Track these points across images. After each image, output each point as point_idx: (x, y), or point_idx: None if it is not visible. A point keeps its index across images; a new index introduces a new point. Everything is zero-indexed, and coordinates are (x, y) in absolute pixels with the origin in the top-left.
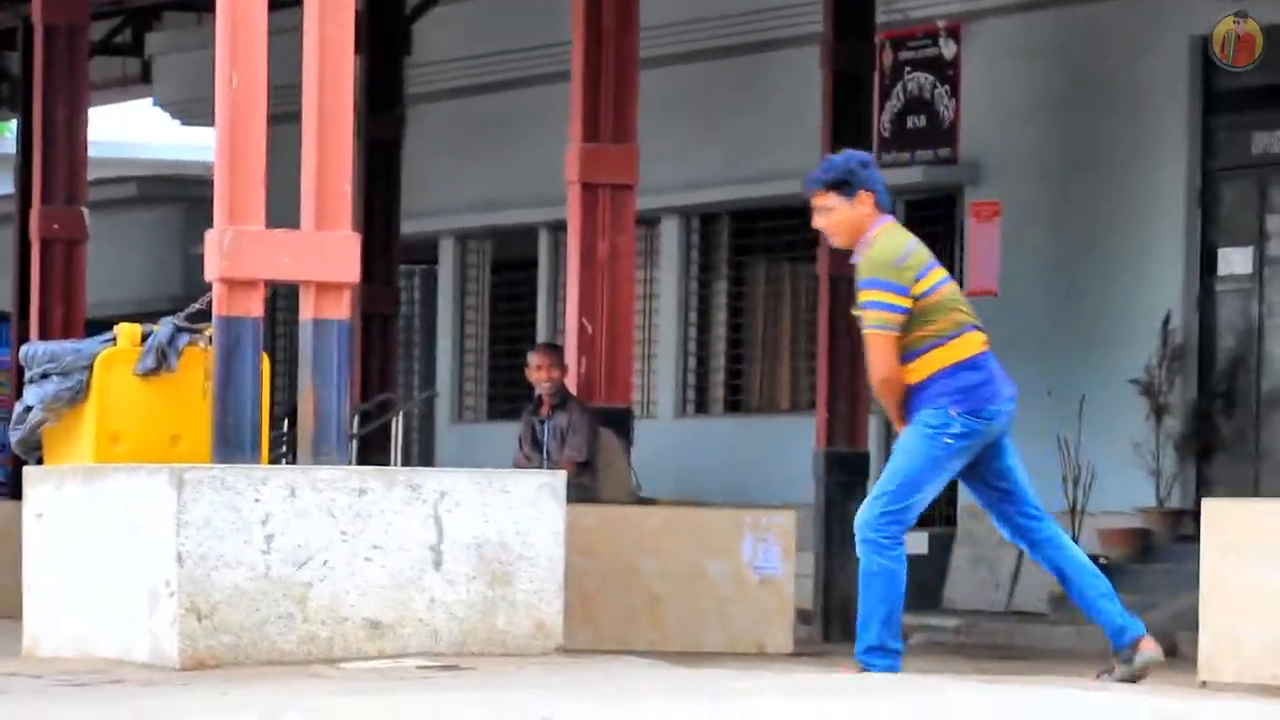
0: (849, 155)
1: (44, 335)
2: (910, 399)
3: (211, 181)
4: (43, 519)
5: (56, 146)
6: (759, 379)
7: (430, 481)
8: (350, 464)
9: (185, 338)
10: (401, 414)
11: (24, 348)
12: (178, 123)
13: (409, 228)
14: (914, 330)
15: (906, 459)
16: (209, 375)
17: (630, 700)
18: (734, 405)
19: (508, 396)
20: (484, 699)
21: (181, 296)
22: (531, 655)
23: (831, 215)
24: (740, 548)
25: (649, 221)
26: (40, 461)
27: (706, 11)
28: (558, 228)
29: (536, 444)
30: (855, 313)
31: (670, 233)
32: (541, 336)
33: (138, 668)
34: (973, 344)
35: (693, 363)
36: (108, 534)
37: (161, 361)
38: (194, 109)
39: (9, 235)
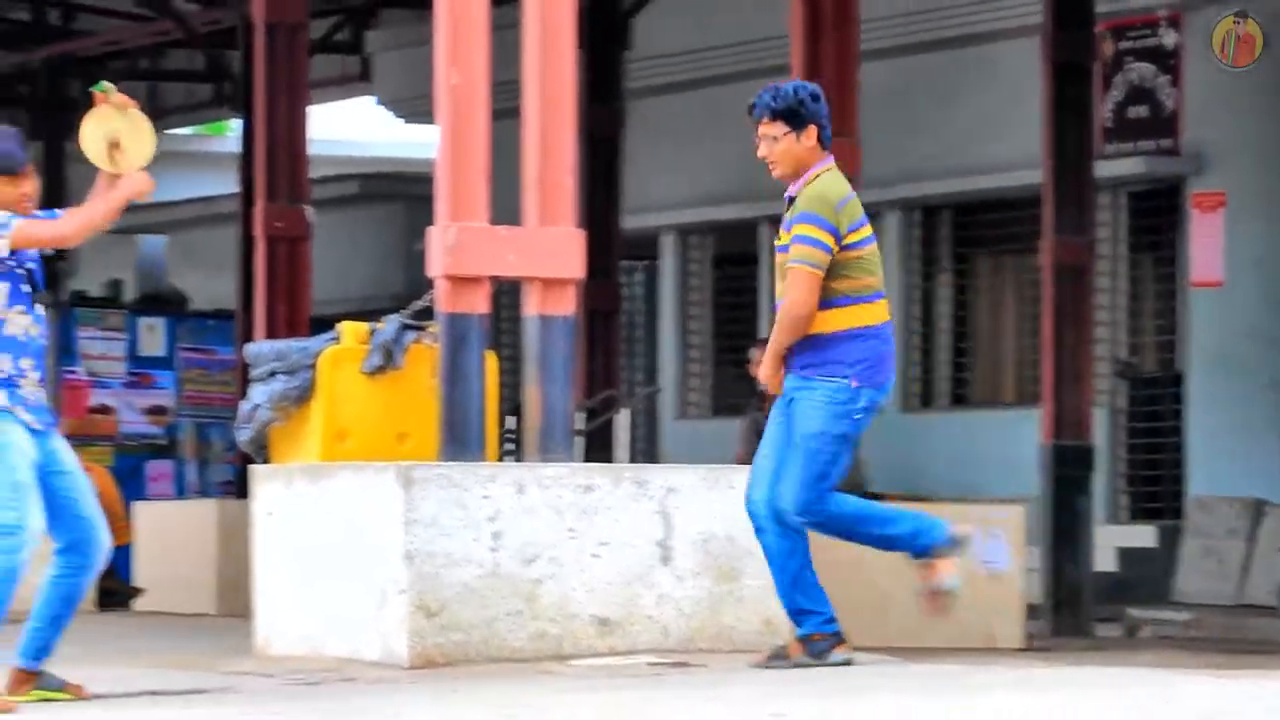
0: (799, 85)
1: (269, 333)
2: (803, 350)
3: (433, 179)
4: (272, 518)
5: (279, 145)
6: (983, 372)
7: (657, 478)
8: (576, 460)
9: (411, 335)
10: (625, 410)
11: (249, 346)
12: (398, 120)
13: (629, 223)
14: (829, 279)
15: (819, 440)
16: (435, 372)
17: (860, 696)
18: (958, 399)
19: (731, 392)
20: (714, 696)
21: (404, 294)
22: (759, 651)
23: (777, 145)
24: (977, 548)
25: (870, 215)
26: (267, 460)
27: (927, 4)
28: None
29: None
30: (781, 242)
31: (892, 226)
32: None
33: (368, 666)
34: (883, 312)
35: (917, 357)
36: (336, 533)
37: (388, 359)
38: (415, 106)
39: (233, 234)
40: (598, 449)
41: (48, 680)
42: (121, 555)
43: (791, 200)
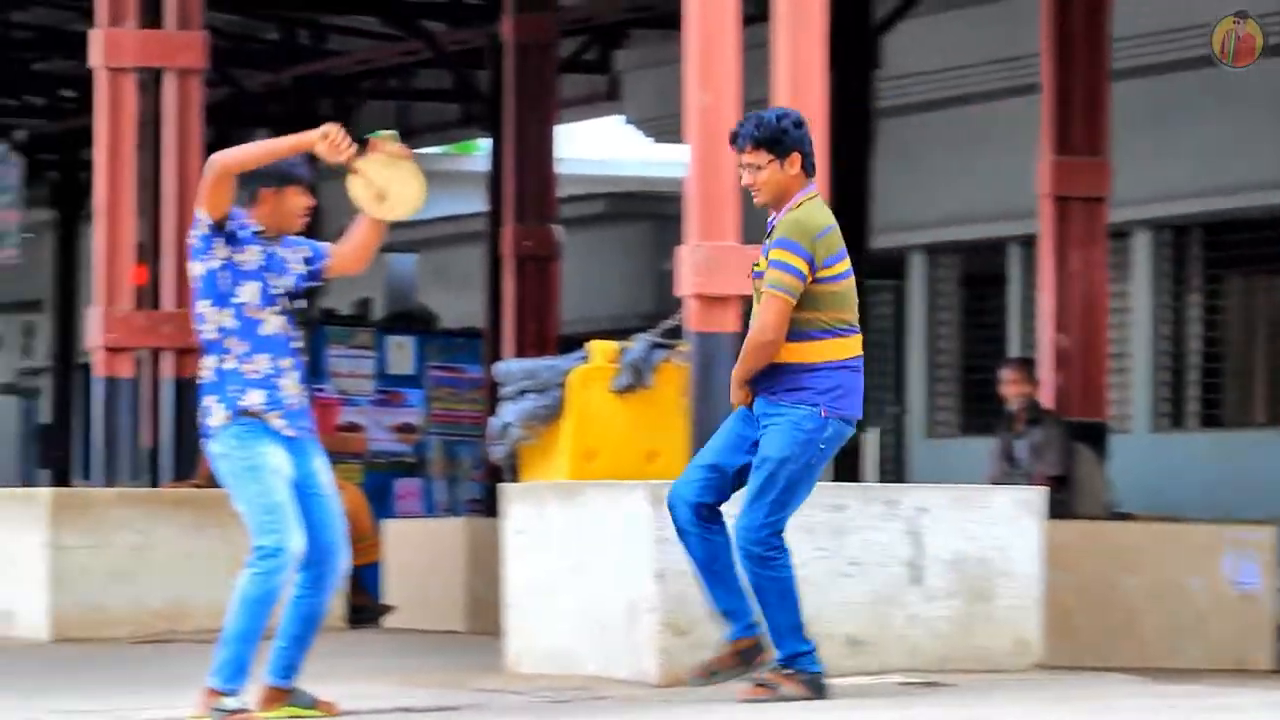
0: (782, 113)
1: (517, 352)
2: (774, 376)
3: (681, 197)
4: (523, 536)
5: (528, 164)
6: (1234, 393)
7: (907, 498)
8: (825, 480)
9: (660, 354)
10: (873, 430)
11: (499, 365)
12: (647, 140)
13: (878, 243)
14: (805, 310)
15: (783, 466)
16: (684, 391)
17: (1111, 716)
18: (1209, 420)
19: (980, 412)
20: (965, 715)
21: (652, 313)
22: (1011, 671)
23: (760, 174)
24: (1220, 563)
25: (1120, 235)
26: (516, 478)
27: (1177, 22)
28: (1028, 241)
29: (1011, 459)
30: (759, 268)
31: (1142, 245)
32: (1013, 352)
33: (618, 684)
34: (857, 346)
35: (1166, 376)
36: (586, 551)
37: (637, 378)
38: (664, 126)
39: (480, 253)
40: (845, 469)
41: (299, 698)
42: (372, 573)
43: (772, 228)
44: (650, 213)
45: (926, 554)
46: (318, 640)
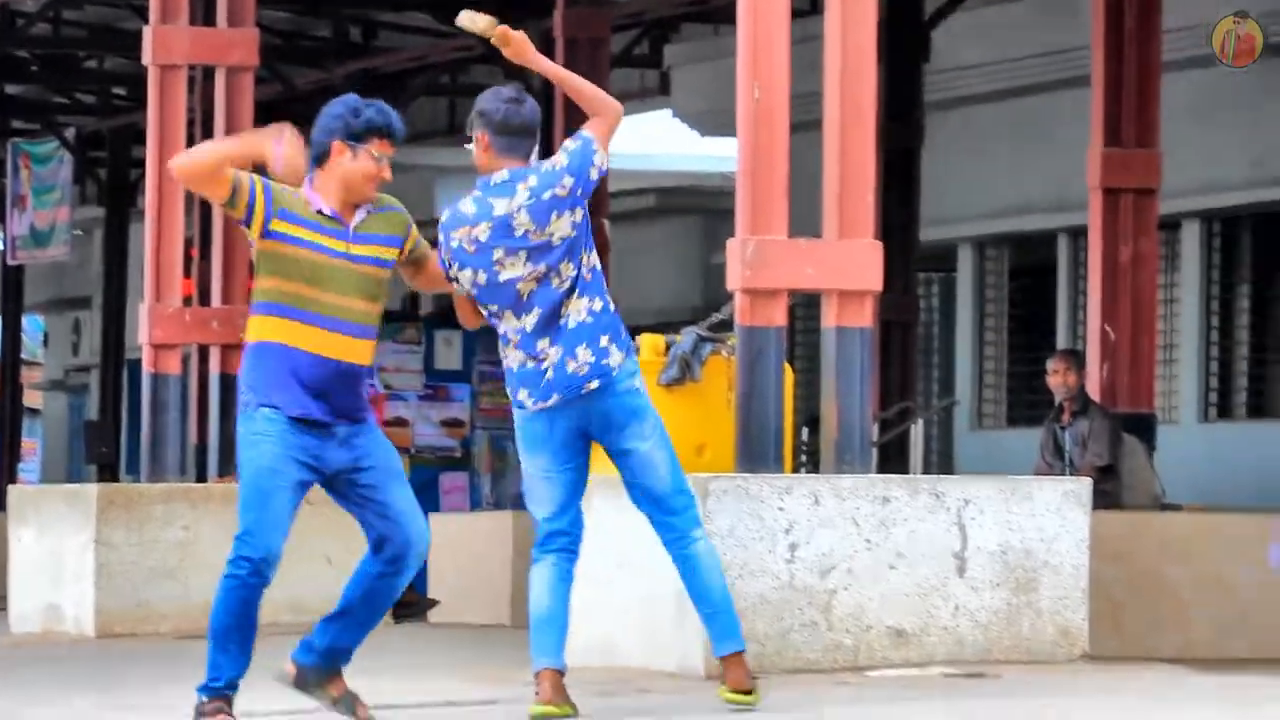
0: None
1: None
2: None
3: (731, 192)
4: None
5: None
6: None
7: (953, 489)
8: (872, 472)
9: (709, 347)
10: (920, 422)
11: None
12: (696, 134)
13: (927, 235)
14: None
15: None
16: (732, 385)
17: (1159, 708)
18: (1257, 410)
19: (1028, 403)
20: (1010, 706)
21: (701, 306)
22: (1057, 663)
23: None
24: (1268, 553)
25: (1170, 226)
26: None
27: (1228, 12)
28: (1077, 233)
29: (1058, 451)
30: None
31: (1191, 237)
32: (1061, 343)
33: (664, 677)
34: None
35: (1215, 367)
36: (633, 544)
37: (685, 371)
38: (714, 120)
39: None
40: (893, 460)
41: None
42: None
43: None
44: (699, 207)
45: (971, 545)
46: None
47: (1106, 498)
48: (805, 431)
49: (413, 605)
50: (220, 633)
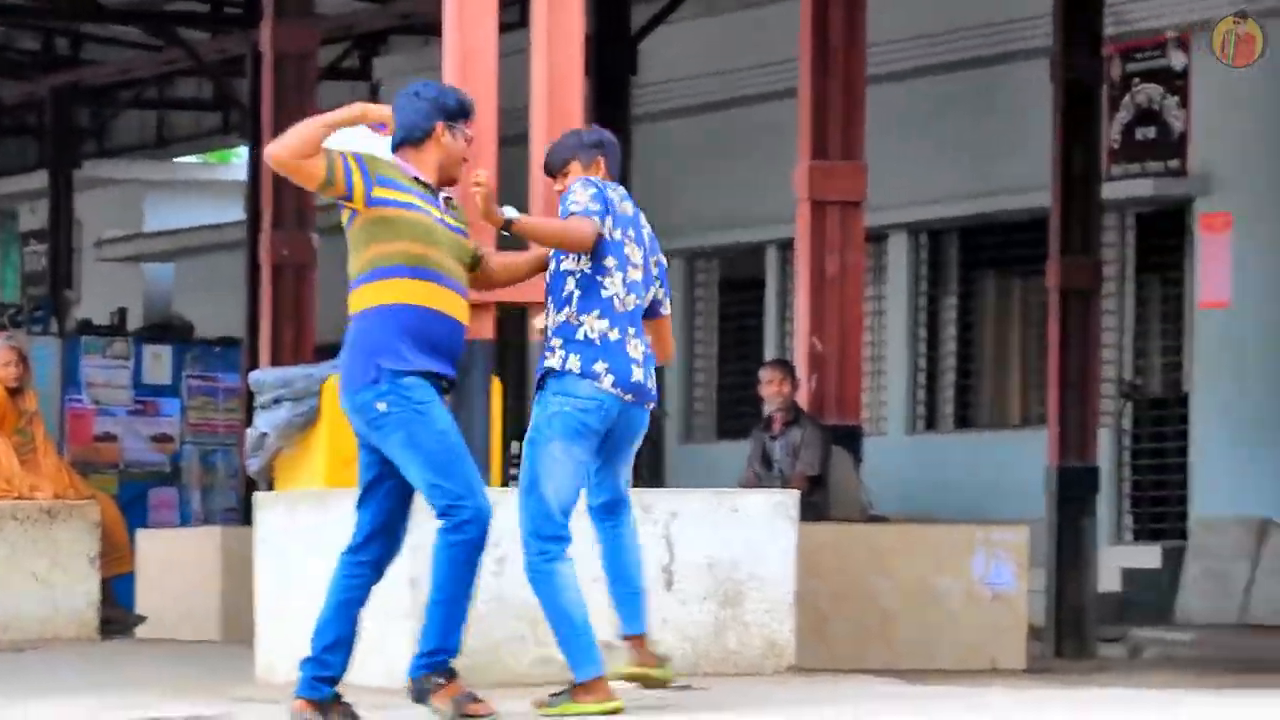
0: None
1: (274, 360)
2: None
3: None
4: (275, 544)
5: None
6: (988, 394)
7: (661, 502)
8: None
9: None
10: None
11: (254, 374)
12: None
13: None
14: None
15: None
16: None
17: (862, 719)
18: (963, 421)
19: (736, 415)
20: (711, 719)
21: None
22: (764, 675)
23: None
24: (972, 564)
25: (877, 238)
26: (271, 486)
27: (934, 27)
28: (785, 245)
29: (767, 462)
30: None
31: (898, 249)
32: (769, 355)
33: (370, 691)
34: None
35: (922, 379)
36: (337, 557)
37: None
38: None
39: (240, 260)
40: None
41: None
42: (124, 583)
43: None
44: None
45: (679, 558)
46: (68, 653)
47: (814, 509)
48: (515, 445)
49: (119, 621)
50: (450, 601)
